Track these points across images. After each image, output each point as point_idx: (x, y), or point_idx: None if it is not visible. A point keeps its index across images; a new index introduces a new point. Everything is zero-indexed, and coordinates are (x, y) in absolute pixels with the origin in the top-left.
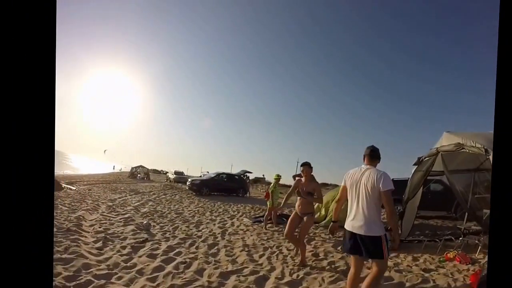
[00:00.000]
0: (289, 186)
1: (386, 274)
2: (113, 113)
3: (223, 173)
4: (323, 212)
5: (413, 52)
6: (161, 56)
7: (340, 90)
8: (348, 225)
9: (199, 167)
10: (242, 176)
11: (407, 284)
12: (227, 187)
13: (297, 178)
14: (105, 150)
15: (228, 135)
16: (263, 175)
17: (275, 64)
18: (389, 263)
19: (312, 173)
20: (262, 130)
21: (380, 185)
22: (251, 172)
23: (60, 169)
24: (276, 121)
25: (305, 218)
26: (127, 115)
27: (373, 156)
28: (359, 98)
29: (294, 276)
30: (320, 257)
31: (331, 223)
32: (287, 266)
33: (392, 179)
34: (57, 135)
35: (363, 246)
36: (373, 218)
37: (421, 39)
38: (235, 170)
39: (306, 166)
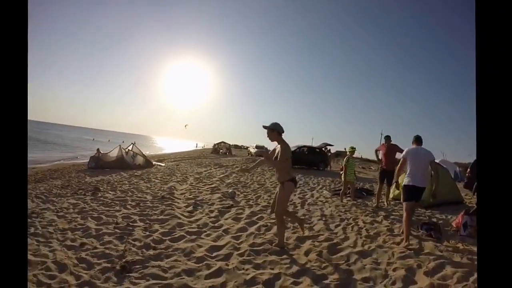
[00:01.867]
0: (365, 160)
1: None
2: (191, 98)
3: (304, 146)
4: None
5: None
6: (228, 49)
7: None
8: (409, 182)
9: None
10: (323, 149)
11: None
12: (307, 160)
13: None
14: (186, 125)
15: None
16: (345, 149)
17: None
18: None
19: (279, 137)
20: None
21: (430, 157)
22: (332, 145)
23: (149, 151)
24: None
25: (277, 188)
26: (205, 99)
27: (420, 140)
28: None
29: (366, 247)
30: (394, 233)
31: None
32: (361, 237)
33: None
34: (143, 122)
35: (418, 194)
36: (425, 176)
37: None
38: (316, 144)
39: (268, 129)
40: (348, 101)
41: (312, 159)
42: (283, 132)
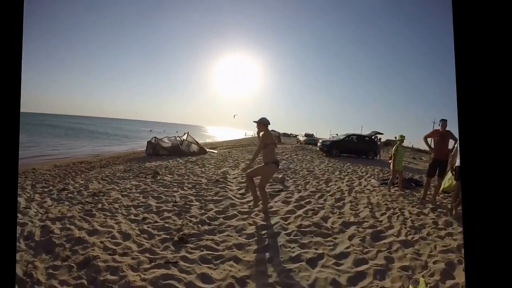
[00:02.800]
0: (416, 150)
1: None
2: (240, 88)
3: (353, 135)
4: (450, 182)
5: None
6: (276, 42)
7: None
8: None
9: (328, 129)
10: (373, 137)
11: None
12: (357, 148)
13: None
14: (234, 115)
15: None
16: (395, 137)
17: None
18: None
19: (265, 128)
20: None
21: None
22: (382, 134)
23: (202, 139)
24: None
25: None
26: (254, 88)
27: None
28: None
29: (409, 237)
30: (440, 226)
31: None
32: (405, 228)
33: None
34: (195, 113)
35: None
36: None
37: None
38: (365, 132)
39: (256, 123)
40: (400, 90)
41: (361, 147)
42: (268, 124)
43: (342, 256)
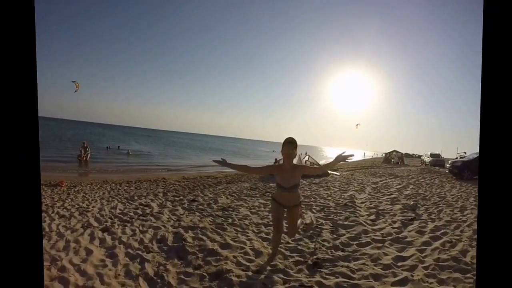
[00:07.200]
0: None
1: None
2: (355, 107)
3: None
4: None
5: None
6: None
7: None
8: None
9: (454, 147)
10: None
11: None
12: None
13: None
14: (357, 124)
15: None
16: None
17: None
18: None
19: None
20: None
21: None
22: None
23: (320, 160)
24: None
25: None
26: (370, 106)
27: None
28: None
29: None
30: None
31: None
32: None
33: None
34: (311, 133)
35: None
36: None
37: None
38: None
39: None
40: None
41: None
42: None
43: None
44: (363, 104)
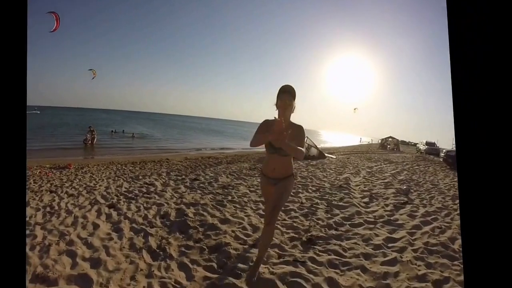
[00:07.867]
0: None
1: None
2: (353, 93)
3: None
4: None
5: None
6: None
7: None
8: None
9: (450, 138)
10: None
11: None
12: None
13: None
14: (355, 108)
15: None
16: None
17: None
18: None
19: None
20: None
21: None
22: None
23: (318, 143)
24: None
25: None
26: (368, 92)
27: None
28: None
29: None
30: None
31: None
32: None
33: None
34: (308, 117)
35: None
36: None
37: None
38: None
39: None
40: None
41: None
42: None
43: None
44: (362, 90)
